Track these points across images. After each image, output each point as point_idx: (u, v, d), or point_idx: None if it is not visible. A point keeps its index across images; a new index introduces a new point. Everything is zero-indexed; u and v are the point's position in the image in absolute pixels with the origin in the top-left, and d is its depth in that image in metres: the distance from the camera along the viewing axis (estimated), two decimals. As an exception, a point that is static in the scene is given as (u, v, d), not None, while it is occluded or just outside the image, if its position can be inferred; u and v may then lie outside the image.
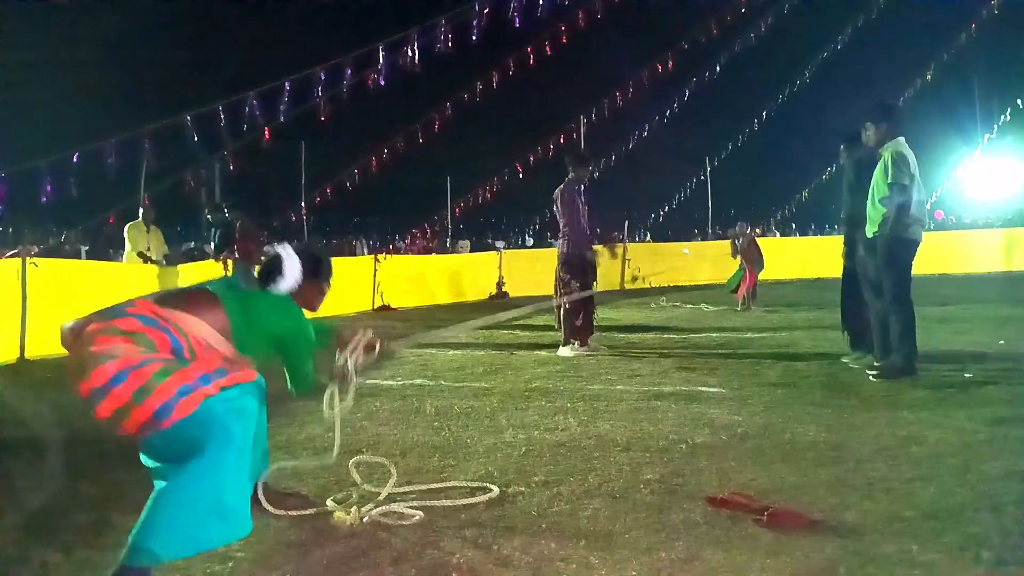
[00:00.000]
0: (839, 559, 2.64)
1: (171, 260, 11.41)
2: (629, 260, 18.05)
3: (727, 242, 18.32)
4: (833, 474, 3.58)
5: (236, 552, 2.84)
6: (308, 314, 3.21)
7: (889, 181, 5.74)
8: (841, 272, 6.77)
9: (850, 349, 6.63)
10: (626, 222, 20.17)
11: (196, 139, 13.16)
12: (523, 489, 3.49)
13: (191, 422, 2.49)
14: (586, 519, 3.10)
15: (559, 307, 7.82)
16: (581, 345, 7.60)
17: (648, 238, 28.83)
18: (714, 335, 8.88)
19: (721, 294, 13.47)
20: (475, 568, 2.66)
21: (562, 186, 7.84)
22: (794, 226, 33.77)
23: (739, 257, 12.76)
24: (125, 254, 11.38)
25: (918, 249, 5.90)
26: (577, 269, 7.72)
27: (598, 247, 8.72)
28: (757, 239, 13.29)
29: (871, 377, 5.79)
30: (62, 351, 2.76)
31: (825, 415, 4.77)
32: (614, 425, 4.64)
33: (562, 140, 22.24)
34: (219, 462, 2.50)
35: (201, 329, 2.74)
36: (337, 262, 12.79)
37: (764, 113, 25.89)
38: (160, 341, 2.62)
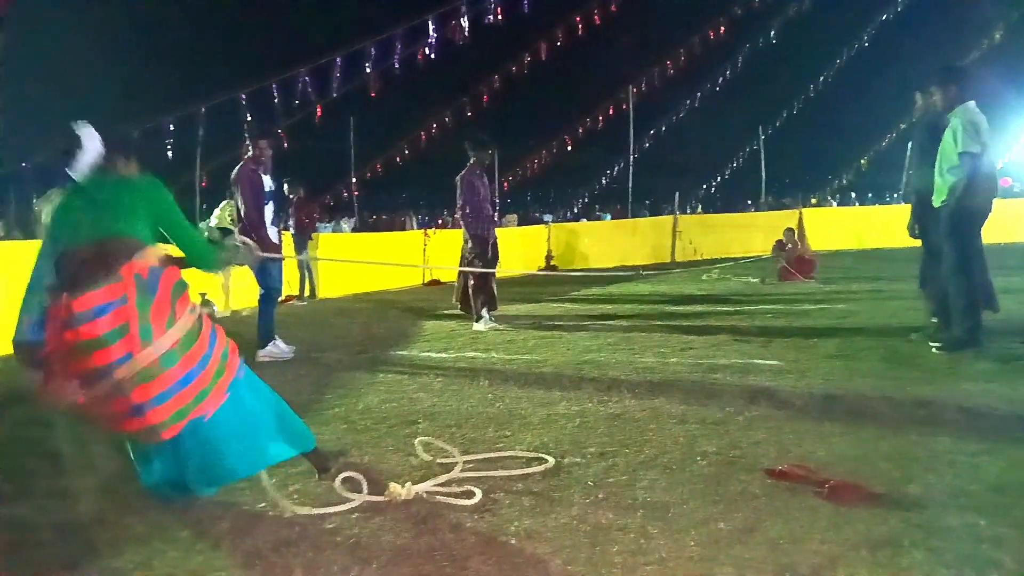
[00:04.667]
0: (902, 532, 2.60)
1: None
2: (680, 232, 17.83)
3: (782, 213, 17.98)
4: (895, 447, 3.52)
5: (301, 519, 2.94)
6: None
7: (959, 150, 5.52)
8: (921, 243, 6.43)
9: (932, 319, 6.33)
10: (676, 193, 19.83)
11: (249, 117, 13.37)
12: (579, 460, 3.51)
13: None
14: (642, 490, 3.11)
15: (464, 285, 8.35)
16: (490, 311, 8.03)
17: (699, 209, 28.41)
18: (768, 307, 8.74)
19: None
20: (533, 536, 2.70)
21: (463, 171, 8.11)
22: (853, 195, 32.86)
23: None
24: (207, 228, 11.54)
25: (985, 220, 5.68)
26: (478, 248, 8.07)
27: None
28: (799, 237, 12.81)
29: (934, 349, 5.64)
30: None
31: (886, 388, 4.68)
32: (668, 397, 4.62)
33: (611, 111, 21.97)
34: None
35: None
36: (387, 237, 13.02)
37: (820, 79, 25.12)
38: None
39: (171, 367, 2.61)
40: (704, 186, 30.21)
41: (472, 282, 8.07)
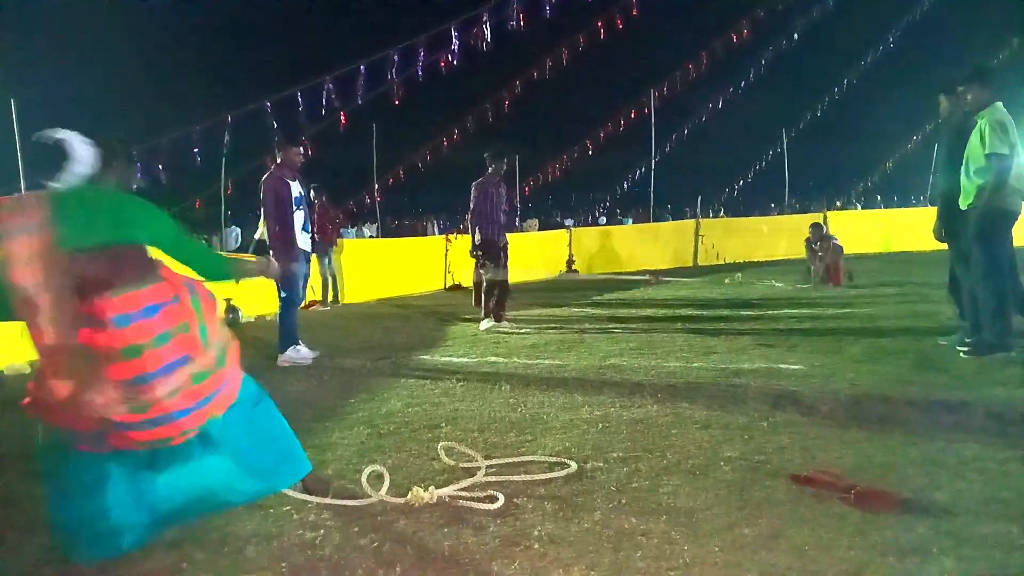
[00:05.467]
0: (931, 539, 2.57)
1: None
2: (702, 236, 17.72)
3: (806, 216, 17.81)
4: (922, 453, 3.47)
5: (326, 521, 2.96)
6: None
7: (986, 151, 5.44)
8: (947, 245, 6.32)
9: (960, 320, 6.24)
10: (699, 197, 19.73)
11: (275, 125, 13.53)
12: (601, 465, 3.51)
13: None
14: (666, 495, 3.09)
15: (477, 285, 8.75)
16: (496, 321, 8.42)
17: (722, 213, 28.22)
18: (793, 311, 8.66)
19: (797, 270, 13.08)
20: (556, 541, 2.70)
21: (481, 178, 8.43)
22: (878, 198, 32.48)
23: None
24: (254, 242, 11.63)
25: (1015, 222, 5.60)
26: (490, 253, 8.41)
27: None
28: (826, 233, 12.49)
29: (962, 354, 5.56)
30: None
31: (913, 392, 4.62)
32: (692, 402, 4.60)
33: (632, 115, 21.92)
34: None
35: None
36: (409, 242, 13.09)
37: (845, 80, 24.88)
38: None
39: (223, 367, 2.57)
40: (727, 189, 30.02)
41: (485, 284, 8.55)
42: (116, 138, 2.81)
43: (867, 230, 18.82)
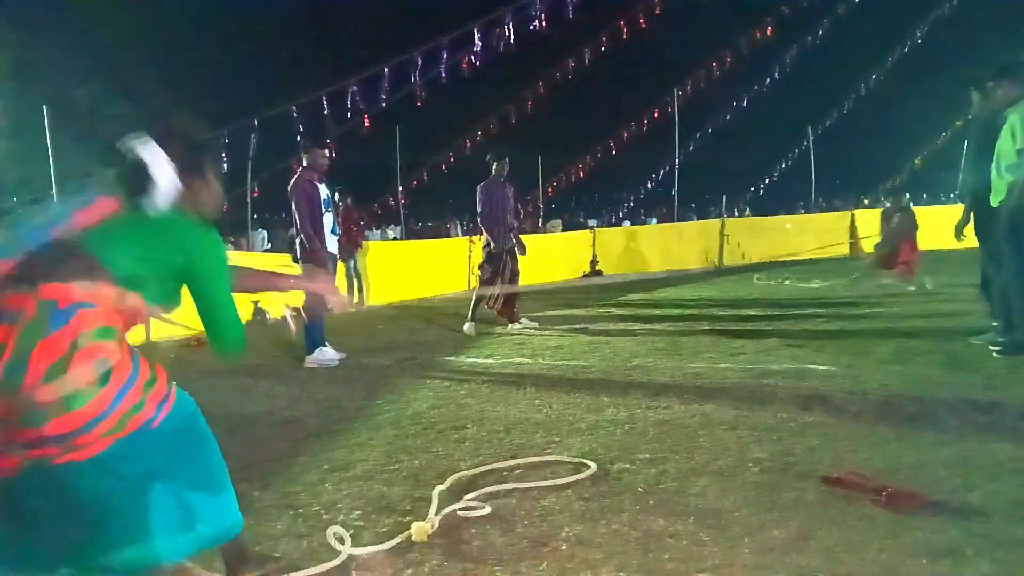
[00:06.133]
0: (964, 542, 2.53)
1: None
2: (727, 235, 17.60)
3: (833, 215, 17.58)
4: (954, 454, 3.42)
5: (352, 544, 2.99)
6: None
7: (1018, 147, 5.35)
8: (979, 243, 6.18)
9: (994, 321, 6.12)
10: (723, 196, 19.58)
11: (301, 128, 13.67)
12: (628, 466, 3.50)
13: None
14: (694, 496, 3.08)
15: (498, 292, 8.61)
16: (512, 321, 8.45)
17: (747, 212, 27.97)
18: (821, 311, 8.57)
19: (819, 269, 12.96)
20: (584, 542, 2.70)
21: (485, 181, 8.51)
22: (907, 195, 31.96)
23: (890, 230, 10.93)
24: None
25: None
26: (490, 257, 8.41)
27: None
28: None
29: (994, 353, 5.47)
30: (185, 332, 2.87)
31: (944, 393, 4.55)
32: (719, 403, 4.57)
33: (656, 114, 21.82)
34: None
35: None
36: (432, 244, 13.11)
37: (871, 77, 24.55)
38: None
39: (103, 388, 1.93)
40: (752, 188, 29.76)
41: (478, 285, 8.57)
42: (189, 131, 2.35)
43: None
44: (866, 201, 28.29)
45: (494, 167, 8.51)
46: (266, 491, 3.39)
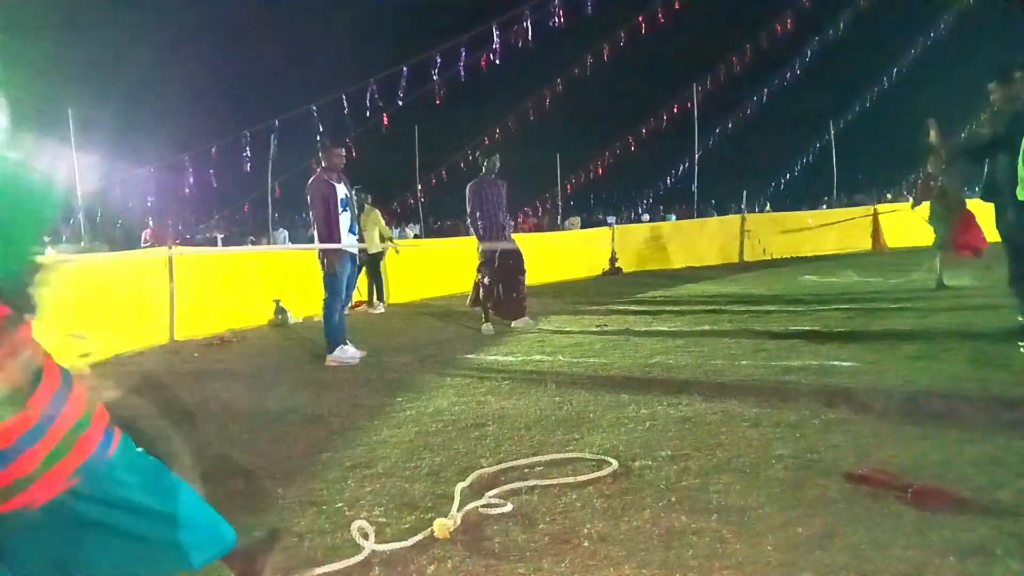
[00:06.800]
0: (993, 540, 2.50)
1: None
2: (748, 231, 17.47)
3: (856, 209, 17.31)
4: (982, 451, 3.37)
5: (379, 545, 3.00)
6: None
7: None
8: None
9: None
10: (743, 192, 19.46)
11: (321, 128, 13.76)
12: (649, 463, 3.49)
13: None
14: (716, 494, 3.07)
15: (476, 286, 8.55)
16: (521, 317, 8.36)
17: (768, 208, 27.76)
18: (843, 307, 8.48)
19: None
20: (606, 539, 2.69)
21: (475, 180, 8.40)
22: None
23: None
24: (374, 238, 11.62)
25: None
26: (485, 258, 8.30)
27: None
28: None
29: (1022, 349, 5.39)
30: (207, 332, 2.91)
31: (971, 389, 4.49)
32: (741, 400, 4.54)
33: (675, 110, 21.72)
34: None
35: None
36: (451, 242, 13.07)
37: (893, 69, 24.27)
38: None
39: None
40: (773, 184, 29.53)
41: (482, 287, 8.37)
42: None
43: (920, 223, 18.34)
44: (889, 196, 27.95)
45: (484, 164, 8.44)
46: (289, 488, 3.41)
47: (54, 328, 1.87)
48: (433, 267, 13.22)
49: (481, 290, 8.40)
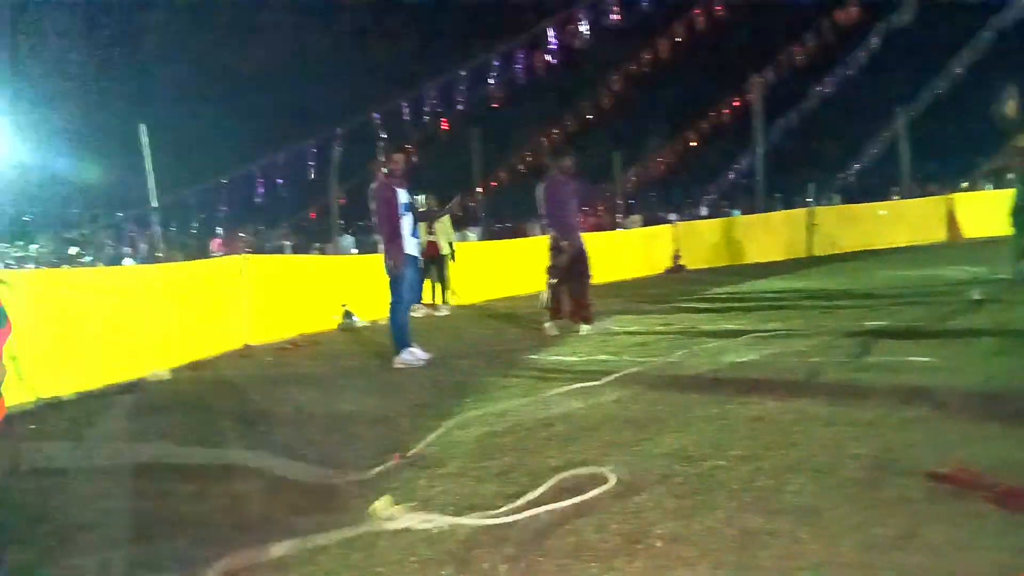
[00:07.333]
0: (1086, 542, 2.41)
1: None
2: (816, 225, 17.05)
3: (930, 199, 16.70)
4: (1072, 450, 3.24)
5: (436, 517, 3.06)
6: None
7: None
8: None
9: None
10: (810, 184, 18.97)
11: (382, 135, 14.01)
12: (721, 463, 3.46)
13: None
14: (791, 494, 3.02)
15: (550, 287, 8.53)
16: (585, 322, 8.15)
17: (837, 200, 26.97)
18: (916, 301, 8.21)
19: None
20: (678, 539, 2.69)
21: (545, 181, 8.42)
22: (1010, 176, 30.14)
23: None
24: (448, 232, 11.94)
25: None
26: (555, 254, 8.33)
27: None
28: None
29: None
30: (279, 337, 3.03)
31: (1058, 385, 4.31)
32: (813, 398, 4.45)
33: (736, 104, 21.30)
34: None
35: None
36: (512, 244, 13.18)
37: (964, 53, 23.25)
38: None
39: None
40: (840, 175, 28.66)
41: (550, 288, 8.42)
42: None
43: (999, 211, 17.60)
44: (964, 184, 26.84)
45: (556, 165, 8.50)
46: (363, 488, 3.51)
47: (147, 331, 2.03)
48: (495, 268, 13.33)
49: (549, 291, 8.45)
